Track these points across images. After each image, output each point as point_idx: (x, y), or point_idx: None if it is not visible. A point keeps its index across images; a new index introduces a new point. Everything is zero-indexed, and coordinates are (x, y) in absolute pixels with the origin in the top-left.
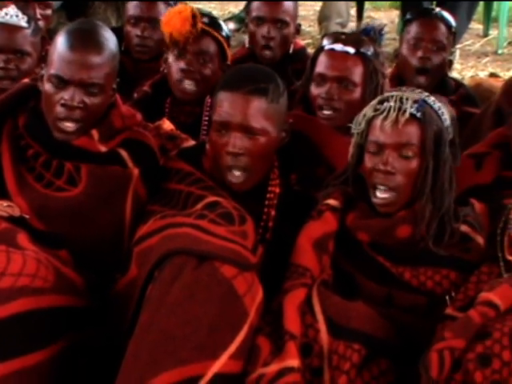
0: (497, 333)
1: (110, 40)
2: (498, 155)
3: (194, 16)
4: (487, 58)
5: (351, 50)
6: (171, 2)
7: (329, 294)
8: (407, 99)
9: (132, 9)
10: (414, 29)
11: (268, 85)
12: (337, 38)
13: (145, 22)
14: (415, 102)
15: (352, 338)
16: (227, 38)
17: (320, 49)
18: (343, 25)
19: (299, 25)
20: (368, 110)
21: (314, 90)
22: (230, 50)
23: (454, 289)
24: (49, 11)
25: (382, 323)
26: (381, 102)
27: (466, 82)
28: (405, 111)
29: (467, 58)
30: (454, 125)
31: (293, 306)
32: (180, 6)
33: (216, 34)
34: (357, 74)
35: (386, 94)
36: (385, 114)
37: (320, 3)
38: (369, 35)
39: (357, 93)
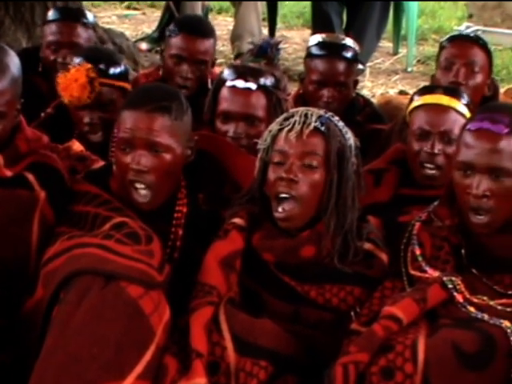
0: (399, 346)
1: (11, 65)
2: (395, 172)
3: (91, 80)
4: (397, 76)
5: (253, 85)
6: (89, 25)
7: (235, 312)
8: (312, 114)
9: (50, 34)
10: (317, 67)
11: (171, 103)
12: (237, 72)
13: (65, 48)
14: (319, 117)
15: (259, 355)
16: (126, 72)
17: (221, 82)
18: (254, 44)
19: (215, 58)
20: (274, 126)
21: (221, 126)
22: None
23: (358, 304)
24: None
25: (289, 340)
26: (286, 118)
27: (376, 99)
28: (309, 124)
29: (378, 76)
30: (358, 155)
31: (199, 325)
32: (75, 71)
33: (115, 81)
34: (261, 108)
35: (291, 111)
36: (290, 126)
37: (232, 23)
38: (266, 53)
39: (262, 127)
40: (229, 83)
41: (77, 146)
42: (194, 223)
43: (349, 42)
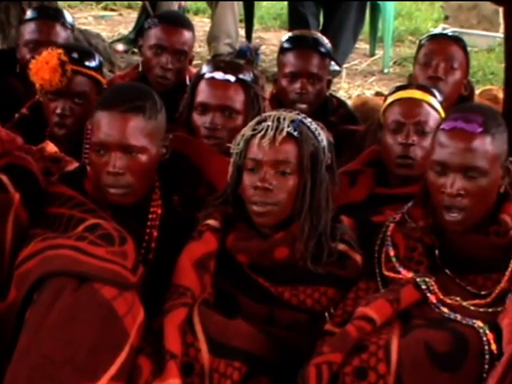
0: (373, 346)
1: None
2: (370, 173)
3: (62, 64)
4: (373, 77)
5: (232, 77)
6: (68, 25)
7: (210, 313)
8: (284, 119)
9: (28, 33)
10: (290, 60)
11: (145, 102)
12: (216, 65)
13: (43, 47)
14: (292, 121)
15: (232, 356)
16: (100, 66)
17: (200, 76)
18: (232, 45)
19: (193, 56)
20: (246, 131)
21: (198, 119)
22: (121, 70)
23: (332, 305)
24: None
25: (263, 341)
26: (259, 123)
27: (352, 100)
28: (282, 130)
29: (354, 77)
30: (332, 151)
31: (173, 326)
32: (46, 53)
33: (88, 70)
34: (238, 101)
35: (264, 115)
36: (262, 132)
37: (209, 24)
38: (245, 56)
39: (239, 120)
40: (207, 75)
41: (51, 148)
42: (169, 225)
43: (321, 37)
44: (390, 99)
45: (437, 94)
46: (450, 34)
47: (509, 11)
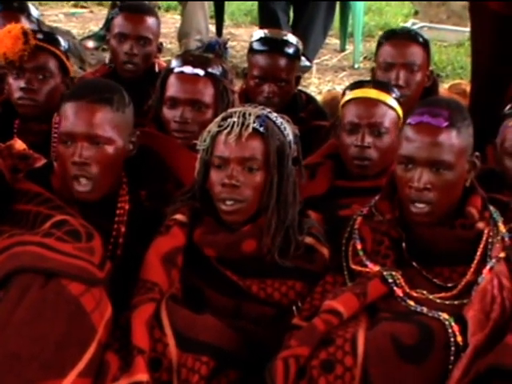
0: (339, 339)
1: None
2: (330, 165)
3: (25, 33)
4: (344, 73)
5: (201, 71)
6: (33, 18)
7: (177, 308)
8: (250, 114)
9: None
10: (258, 63)
11: (112, 95)
12: (185, 59)
13: None
14: (258, 117)
15: (200, 350)
16: (66, 51)
17: (169, 70)
18: (203, 42)
19: (161, 43)
20: (212, 127)
21: (167, 113)
22: (92, 67)
23: (300, 299)
24: None
25: (230, 335)
26: (224, 119)
27: (322, 95)
28: (248, 126)
29: (325, 73)
30: (297, 143)
31: (141, 321)
32: (10, 25)
33: (53, 48)
34: (208, 95)
35: (230, 111)
36: (228, 129)
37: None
38: (214, 50)
39: (209, 114)
40: (177, 69)
41: (19, 145)
42: (137, 220)
43: (291, 38)
44: (347, 96)
45: (394, 90)
46: (408, 31)
47: (474, 5)
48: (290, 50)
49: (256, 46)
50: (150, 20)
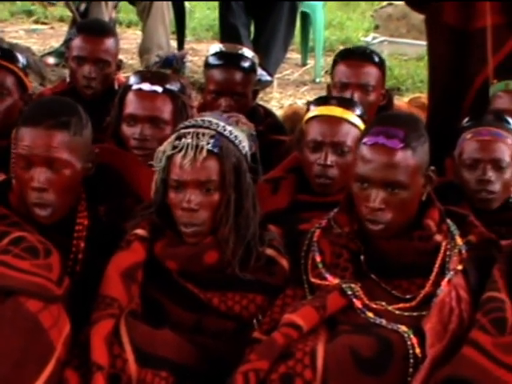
0: (299, 353)
1: None
2: (292, 179)
3: None
4: (305, 87)
5: (159, 88)
6: None
7: (137, 324)
8: (203, 135)
9: None
10: (214, 77)
11: (70, 118)
12: (143, 76)
13: None
14: (212, 137)
15: (159, 366)
16: (25, 68)
17: (127, 88)
18: (160, 56)
19: (120, 61)
20: (167, 147)
21: (127, 130)
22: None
23: (260, 312)
24: None
25: (190, 350)
26: (178, 138)
27: (283, 110)
28: (202, 148)
29: (286, 87)
30: (254, 140)
31: (100, 337)
32: None
33: (11, 65)
34: (167, 111)
35: (183, 131)
36: (183, 151)
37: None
38: (171, 65)
39: (168, 130)
40: (135, 87)
41: None
42: (96, 235)
43: (246, 52)
44: (311, 112)
45: (357, 107)
46: (364, 50)
47: (430, 20)
48: (246, 64)
49: (211, 60)
50: (109, 42)
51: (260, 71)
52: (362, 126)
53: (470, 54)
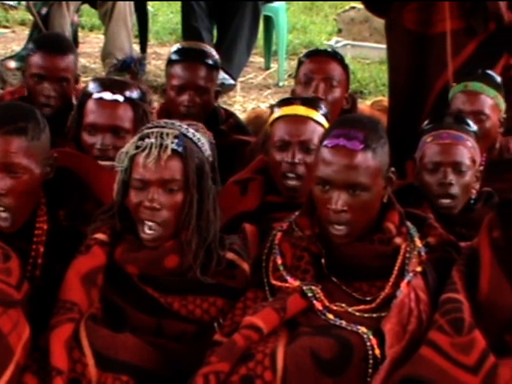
0: (259, 355)
1: None
2: (261, 180)
3: None
4: (269, 91)
5: (120, 97)
6: None
7: (97, 328)
8: (168, 135)
9: None
10: (177, 72)
11: (27, 123)
12: (104, 85)
13: None
14: (175, 137)
15: (120, 369)
16: None
17: (87, 95)
18: (118, 60)
19: (78, 75)
20: (130, 148)
21: (88, 139)
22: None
23: (221, 315)
24: None
25: (151, 353)
26: (142, 139)
27: (247, 113)
28: (166, 147)
29: (249, 91)
30: (213, 149)
31: (59, 342)
32: None
33: None
34: (128, 120)
35: (146, 131)
36: (147, 151)
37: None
38: (129, 68)
39: (129, 138)
40: (95, 95)
41: None
42: (56, 240)
43: (209, 49)
44: (276, 114)
45: (322, 106)
46: (328, 50)
47: (390, 24)
48: (209, 60)
49: (174, 56)
50: (68, 59)
51: (223, 75)
52: (326, 124)
53: (429, 58)
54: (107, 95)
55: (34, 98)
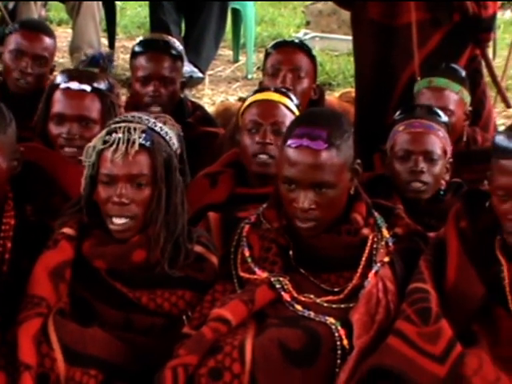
0: (228, 347)
1: None
2: (231, 173)
3: None
4: (237, 83)
5: (87, 87)
6: None
7: (65, 323)
8: (135, 129)
9: None
10: (141, 64)
11: None
12: (71, 75)
13: None
14: (143, 131)
15: (88, 364)
16: None
17: (54, 86)
18: (87, 55)
19: (54, 65)
20: (97, 142)
21: (54, 129)
22: None
23: (190, 308)
24: None
25: (119, 347)
26: (109, 133)
27: (215, 106)
28: (134, 142)
29: (218, 84)
30: (181, 141)
31: (27, 337)
32: None
33: None
34: (95, 110)
35: (114, 126)
36: (114, 146)
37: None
38: (98, 64)
39: (96, 129)
40: (63, 85)
41: None
42: (23, 235)
43: (172, 40)
44: (247, 102)
45: (293, 97)
46: (295, 41)
47: (355, 15)
48: (172, 51)
49: (137, 48)
50: (49, 40)
51: (191, 68)
52: (297, 113)
53: (395, 49)
54: (74, 85)
55: (8, 75)
